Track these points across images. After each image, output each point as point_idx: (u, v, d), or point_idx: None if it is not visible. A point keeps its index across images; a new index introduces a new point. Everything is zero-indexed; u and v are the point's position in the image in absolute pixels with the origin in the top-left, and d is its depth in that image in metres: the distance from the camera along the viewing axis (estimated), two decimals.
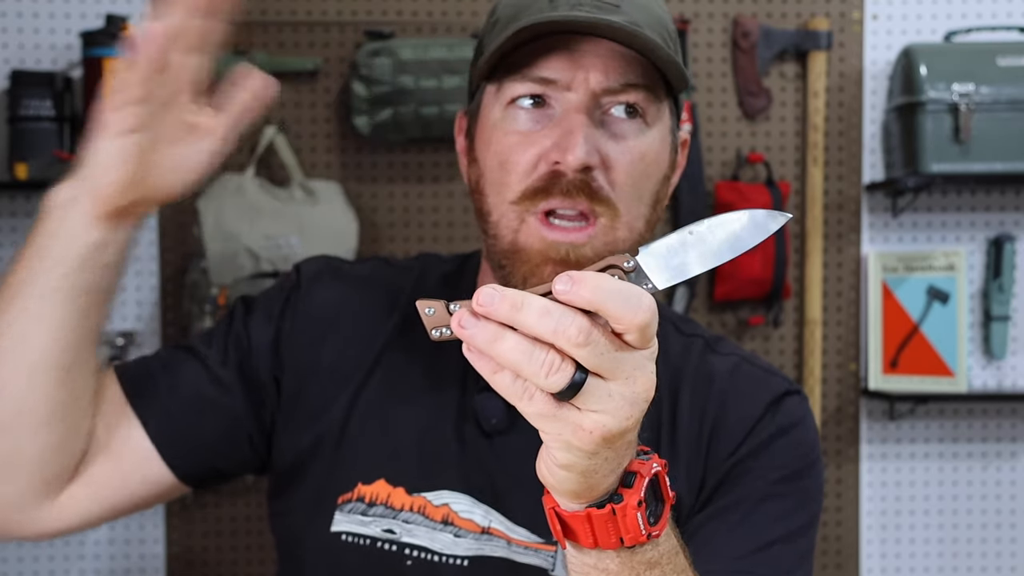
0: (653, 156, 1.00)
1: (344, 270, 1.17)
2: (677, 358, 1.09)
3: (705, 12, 2.59)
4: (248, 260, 2.36)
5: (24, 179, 2.31)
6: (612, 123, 0.98)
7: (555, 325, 0.64)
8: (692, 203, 2.55)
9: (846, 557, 2.65)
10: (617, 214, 0.97)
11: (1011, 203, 2.65)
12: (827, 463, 2.64)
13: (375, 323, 1.11)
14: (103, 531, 2.55)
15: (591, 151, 0.95)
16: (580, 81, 0.96)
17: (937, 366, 2.55)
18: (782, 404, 1.06)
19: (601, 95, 0.96)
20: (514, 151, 0.98)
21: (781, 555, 1.00)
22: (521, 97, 0.98)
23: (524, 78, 0.97)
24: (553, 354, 0.65)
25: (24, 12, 2.53)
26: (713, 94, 2.60)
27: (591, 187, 0.96)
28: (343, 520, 1.05)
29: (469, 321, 0.65)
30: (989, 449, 2.67)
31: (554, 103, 0.97)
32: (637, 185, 0.99)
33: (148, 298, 2.56)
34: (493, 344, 0.65)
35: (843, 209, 2.62)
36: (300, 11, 2.54)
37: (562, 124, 0.96)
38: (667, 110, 1.02)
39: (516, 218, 0.98)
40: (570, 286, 0.64)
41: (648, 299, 0.66)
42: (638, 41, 0.93)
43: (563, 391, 0.65)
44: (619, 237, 0.98)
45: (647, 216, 1.01)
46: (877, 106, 2.62)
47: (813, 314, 2.60)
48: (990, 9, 2.62)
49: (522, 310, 0.64)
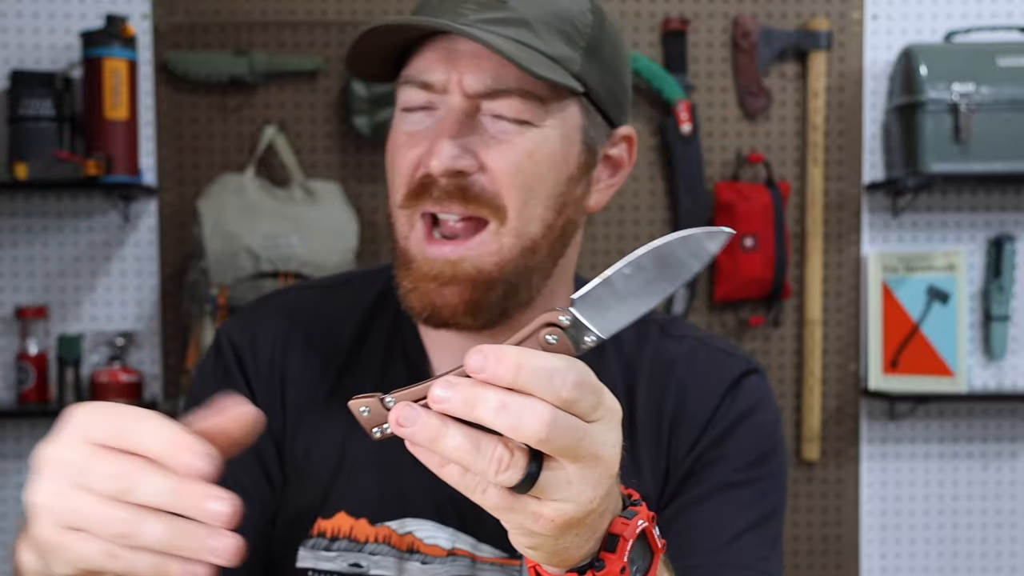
0: (545, 155, 0.95)
1: (268, 314, 1.09)
2: (631, 349, 1.05)
3: (705, 12, 2.59)
4: (248, 260, 2.36)
5: (24, 179, 2.31)
6: (492, 124, 0.94)
7: (514, 421, 0.59)
8: (692, 203, 2.55)
9: (846, 557, 2.65)
10: (503, 217, 0.93)
11: (1011, 203, 2.65)
12: (827, 463, 2.64)
13: (321, 358, 1.07)
14: None
15: (458, 155, 0.92)
16: (455, 84, 0.93)
17: (937, 366, 2.55)
18: (740, 387, 1.03)
19: (476, 98, 0.93)
20: (398, 153, 0.96)
21: (754, 543, 0.98)
22: (411, 104, 0.96)
23: (409, 81, 0.95)
24: (502, 448, 0.60)
25: (24, 12, 2.53)
26: (713, 94, 2.60)
27: (468, 191, 0.92)
28: (308, 556, 1.02)
29: (408, 417, 0.61)
30: (989, 449, 2.67)
31: (440, 106, 0.94)
32: (527, 186, 0.94)
33: (148, 298, 2.55)
34: (437, 442, 0.61)
35: (843, 209, 2.62)
36: (300, 11, 2.54)
37: (437, 128, 0.94)
38: (573, 108, 0.96)
39: (406, 222, 0.95)
40: (485, 365, 0.59)
41: (575, 372, 0.60)
42: (491, 47, 0.89)
43: (517, 486, 0.61)
44: (504, 245, 0.94)
45: (547, 221, 0.96)
46: (877, 106, 2.62)
47: (813, 314, 2.59)
48: (990, 9, 2.62)
49: (478, 406, 0.59)
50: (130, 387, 2.44)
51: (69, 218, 2.55)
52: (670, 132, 2.54)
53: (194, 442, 0.62)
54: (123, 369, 2.47)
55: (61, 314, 2.55)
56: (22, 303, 2.53)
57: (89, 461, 0.63)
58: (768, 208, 2.52)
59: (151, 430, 0.62)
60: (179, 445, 0.62)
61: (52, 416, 2.78)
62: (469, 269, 0.93)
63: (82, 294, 2.56)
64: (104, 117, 2.37)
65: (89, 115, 2.39)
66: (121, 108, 2.39)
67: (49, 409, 2.48)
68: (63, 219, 2.55)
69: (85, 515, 0.63)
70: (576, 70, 0.95)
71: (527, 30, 0.93)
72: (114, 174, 2.36)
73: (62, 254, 2.55)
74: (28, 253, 2.54)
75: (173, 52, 2.52)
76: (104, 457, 0.63)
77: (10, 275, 2.54)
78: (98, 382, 2.45)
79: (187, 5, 2.53)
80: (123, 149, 2.39)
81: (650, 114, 2.59)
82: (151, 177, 2.53)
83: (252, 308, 1.12)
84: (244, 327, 1.08)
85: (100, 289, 2.56)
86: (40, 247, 2.54)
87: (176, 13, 2.53)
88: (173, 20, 2.53)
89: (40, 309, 2.51)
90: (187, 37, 2.53)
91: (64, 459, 0.64)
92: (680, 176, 2.55)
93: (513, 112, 0.93)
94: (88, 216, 2.55)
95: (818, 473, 2.64)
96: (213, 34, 2.54)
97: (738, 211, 2.52)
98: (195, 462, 0.61)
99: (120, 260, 2.56)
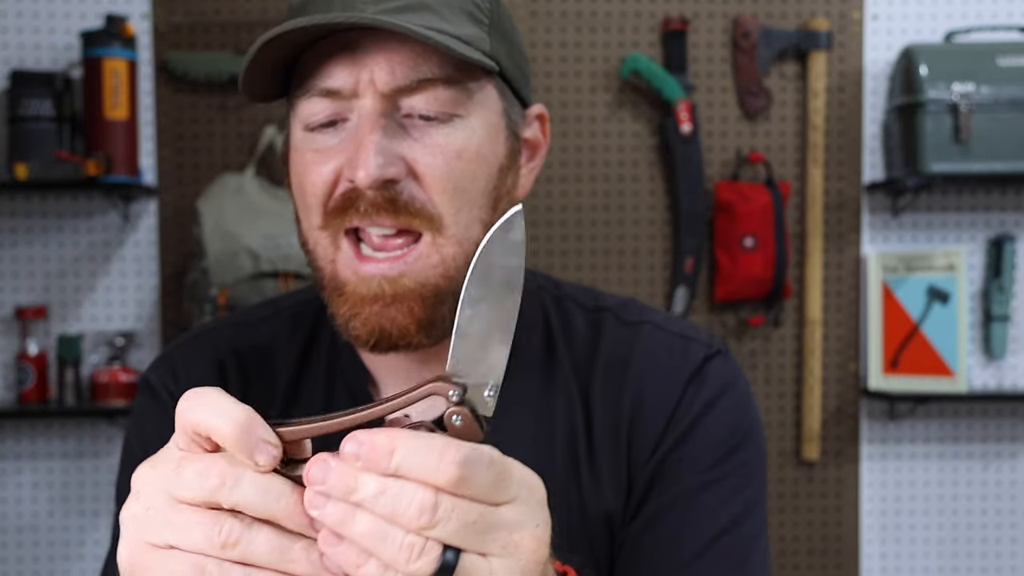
0: (474, 151, 0.86)
1: (193, 358, 1.00)
2: (584, 344, 0.97)
3: (705, 12, 2.59)
4: (248, 260, 2.36)
5: (24, 179, 2.31)
6: (415, 125, 0.84)
7: (392, 507, 0.55)
8: (692, 203, 2.55)
9: (846, 557, 2.65)
10: (440, 227, 0.84)
11: (1011, 203, 2.65)
12: (827, 463, 2.64)
13: (259, 402, 0.98)
14: (103, 531, 2.55)
15: (387, 163, 0.82)
16: (366, 84, 0.83)
17: (937, 366, 2.55)
18: (704, 373, 0.94)
19: (394, 96, 0.83)
20: (309, 171, 0.85)
21: (731, 546, 0.91)
22: (315, 119, 0.85)
23: (310, 92, 0.84)
24: (413, 536, 0.56)
25: (24, 12, 2.53)
26: (713, 94, 2.60)
27: (398, 202, 0.83)
28: None
29: (318, 501, 0.57)
30: (989, 449, 2.67)
31: (350, 115, 0.84)
32: (461, 189, 0.85)
33: (148, 298, 2.55)
34: (344, 526, 0.56)
35: (843, 209, 2.62)
36: None
37: (355, 136, 0.83)
38: (492, 92, 0.88)
39: (330, 244, 0.87)
40: (359, 452, 0.56)
41: (461, 450, 0.56)
42: (407, 31, 0.80)
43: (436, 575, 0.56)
44: (447, 255, 0.85)
45: (484, 220, 0.87)
46: (877, 106, 2.62)
47: (813, 314, 2.59)
48: (990, 9, 2.62)
49: (358, 491, 0.56)
50: (130, 387, 2.44)
51: (69, 218, 2.55)
52: (670, 132, 2.54)
53: (262, 428, 0.58)
54: (123, 369, 2.47)
55: (61, 314, 2.56)
56: (22, 303, 2.53)
57: (175, 468, 0.59)
58: (768, 208, 2.52)
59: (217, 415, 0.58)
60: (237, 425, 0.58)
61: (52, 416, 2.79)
62: (412, 284, 0.85)
63: (82, 294, 2.56)
64: (104, 117, 2.37)
65: (89, 115, 2.39)
66: (121, 108, 2.39)
67: (49, 409, 2.48)
68: (63, 219, 2.55)
69: (183, 524, 0.59)
70: (487, 49, 0.86)
71: (431, 14, 0.84)
72: (114, 174, 2.36)
73: (62, 254, 2.55)
74: (28, 253, 2.54)
75: (173, 52, 2.52)
76: (191, 460, 0.59)
77: (10, 275, 2.54)
78: (98, 382, 2.45)
79: (187, 5, 2.53)
80: (123, 149, 2.39)
81: (650, 114, 2.59)
82: (151, 177, 2.53)
83: (173, 353, 1.01)
84: (169, 373, 0.99)
85: (100, 289, 2.56)
86: (40, 247, 2.54)
87: (176, 13, 2.53)
88: (173, 20, 2.53)
89: (40, 309, 2.51)
90: (187, 37, 2.53)
91: (155, 472, 0.60)
92: (680, 176, 2.55)
93: (437, 105, 0.84)
94: (88, 216, 2.55)
95: (818, 473, 2.64)
96: (213, 34, 2.54)
97: (738, 211, 2.52)
98: (258, 449, 0.58)
99: (120, 260, 2.56)
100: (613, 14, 2.59)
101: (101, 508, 2.56)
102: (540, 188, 2.58)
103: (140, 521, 0.60)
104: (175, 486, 0.59)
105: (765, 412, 2.63)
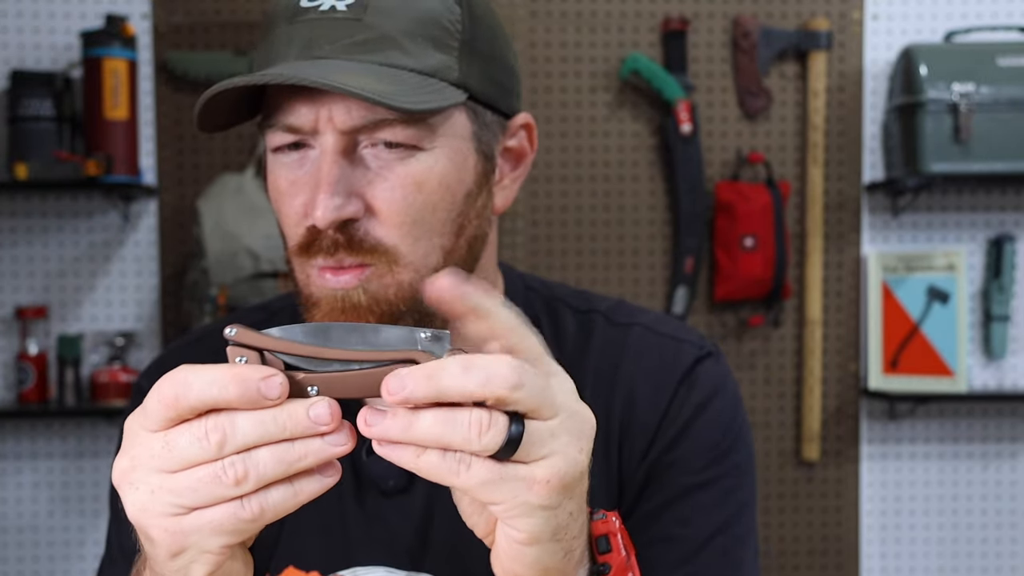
0: (435, 182, 0.86)
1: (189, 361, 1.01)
2: (574, 347, 0.98)
3: (705, 12, 2.59)
4: (248, 260, 2.36)
5: (24, 179, 2.31)
6: (374, 157, 0.85)
7: (485, 375, 0.59)
8: (692, 203, 2.55)
9: (846, 557, 2.65)
10: (394, 259, 0.86)
11: (1011, 203, 2.65)
12: (827, 463, 2.64)
13: None
14: (103, 531, 2.55)
15: (342, 204, 0.83)
16: (325, 122, 0.83)
17: (937, 366, 2.55)
18: (695, 375, 0.95)
19: (353, 133, 0.84)
20: (283, 201, 0.88)
21: (725, 546, 0.92)
22: (280, 146, 0.87)
23: (275, 126, 0.86)
24: (479, 411, 0.59)
25: (24, 12, 2.53)
26: (713, 94, 2.60)
27: (353, 238, 0.85)
28: None
29: (375, 417, 0.59)
30: (989, 449, 2.67)
31: (313, 143, 0.86)
32: (420, 221, 0.86)
33: (148, 298, 2.56)
34: (410, 430, 0.59)
35: (843, 209, 2.62)
36: None
37: (314, 174, 0.85)
38: (460, 118, 0.88)
39: (302, 271, 0.89)
40: (408, 386, 0.59)
41: (497, 357, 0.60)
42: (353, 94, 0.80)
43: (502, 448, 0.59)
44: (402, 279, 0.86)
45: (446, 247, 0.88)
46: (877, 106, 2.62)
47: (813, 314, 2.59)
48: (990, 9, 2.62)
49: (440, 376, 0.59)
50: (130, 387, 2.44)
51: (69, 218, 2.55)
52: (670, 132, 2.54)
53: (249, 370, 0.60)
54: (123, 369, 2.47)
55: (61, 314, 2.56)
56: (22, 303, 2.54)
57: (162, 444, 0.61)
58: (768, 208, 2.52)
59: (198, 384, 0.60)
60: (236, 379, 0.60)
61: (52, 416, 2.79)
62: (366, 300, 0.86)
63: (82, 294, 2.56)
64: (104, 117, 2.37)
65: (89, 115, 2.39)
66: (121, 108, 2.39)
67: (49, 409, 2.48)
68: (63, 219, 2.55)
69: (191, 486, 0.61)
70: (455, 77, 0.86)
71: (393, 48, 0.84)
72: (114, 174, 2.36)
73: (62, 254, 2.55)
74: (28, 253, 2.54)
75: (173, 52, 2.52)
76: (175, 432, 0.61)
77: (10, 275, 2.54)
78: (98, 382, 2.45)
79: (187, 5, 2.53)
80: (123, 149, 2.39)
81: (650, 114, 2.59)
82: (151, 177, 2.53)
83: (166, 358, 1.03)
84: None
85: (100, 289, 2.56)
86: (40, 247, 2.54)
87: (176, 13, 2.53)
88: (173, 20, 2.53)
89: (40, 309, 2.51)
90: (187, 37, 2.53)
91: (138, 461, 0.62)
92: (680, 176, 2.55)
93: (397, 139, 0.84)
94: (88, 216, 2.55)
95: (818, 473, 2.64)
96: (213, 34, 2.54)
97: (738, 211, 2.52)
98: (263, 388, 0.60)
99: (120, 260, 2.56)
100: (613, 14, 2.59)
101: (101, 508, 2.56)
102: (540, 188, 2.58)
103: (149, 506, 0.62)
104: (171, 461, 0.61)
105: (765, 412, 2.63)
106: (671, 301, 2.56)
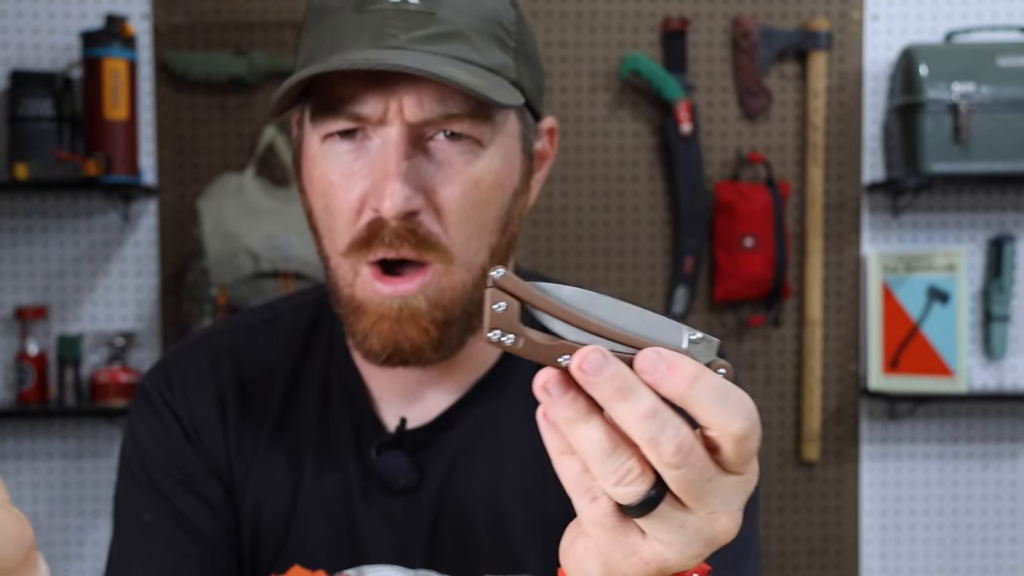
0: (492, 180, 0.88)
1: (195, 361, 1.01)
2: None
3: (705, 12, 2.59)
4: (248, 260, 2.36)
5: (24, 179, 2.31)
6: (438, 150, 0.86)
7: (655, 433, 0.54)
8: (692, 203, 2.55)
9: (846, 557, 2.65)
10: (451, 258, 0.87)
11: (1011, 203, 2.65)
12: (827, 463, 2.64)
13: (259, 406, 0.99)
14: (103, 531, 2.55)
15: (411, 195, 0.84)
16: (394, 114, 0.84)
17: (937, 366, 2.55)
18: None
19: (421, 126, 0.85)
20: (336, 195, 0.87)
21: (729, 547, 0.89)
22: (335, 133, 0.87)
23: (336, 114, 0.85)
24: (635, 460, 0.55)
25: (24, 12, 2.53)
26: (713, 94, 2.60)
27: (417, 232, 0.85)
28: None
29: (557, 389, 0.55)
30: (989, 449, 2.67)
31: (373, 134, 0.86)
32: (474, 218, 0.87)
33: (148, 298, 2.56)
34: (573, 426, 0.56)
35: (843, 209, 2.62)
36: (300, 11, 2.54)
37: (380, 164, 0.85)
38: (513, 117, 0.90)
39: (350, 270, 0.88)
40: (661, 371, 0.54)
41: (751, 405, 0.55)
42: (445, 79, 0.81)
43: (632, 507, 0.56)
44: (456, 281, 0.87)
45: (493, 244, 0.90)
46: (877, 106, 2.62)
47: (813, 314, 2.59)
48: (990, 9, 2.62)
49: (627, 400, 0.54)
50: (130, 387, 2.44)
51: (69, 218, 2.55)
52: (670, 132, 2.54)
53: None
54: (123, 369, 2.47)
55: (61, 314, 2.56)
56: (22, 303, 2.53)
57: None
58: (768, 208, 2.52)
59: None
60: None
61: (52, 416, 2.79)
62: (424, 306, 0.87)
63: (82, 294, 2.56)
64: (104, 117, 2.37)
65: (89, 115, 2.39)
66: (121, 108, 2.39)
67: (49, 409, 2.48)
68: (63, 219, 2.55)
69: None
70: (513, 77, 0.88)
71: (464, 43, 0.85)
72: (114, 174, 2.36)
73: (62, 254, 2.55)
74: (28, 253, 2.54)
75: (173, 52, 2.52)
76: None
77: (10, 275, 2.54)
78: (98, 382, 2.45)
79: (187, 5, 2.53)
80: (123, 149, 2.39)
81: (650, 114, 2.59)
82: (151, 177, 2.53)
83: (169, 360, 1.03)
84: (164, 380, 1.00)
85: (100, 289, 2.56)
86: (40, 247, 2.54)
87: (176, 13, 2.53)
88: (173, 20, 2.53)
89: (40, 309, 2.51)
90: (187, 37, 2.53)
91: None
92: (680, 176, 2.55)
93: (469, 129, 0.86)
94: (88, 216, 2.55)
95: (818, 473, 2.64)
96: (213, 34, 2.54)
97: (738, 211, 2.52)
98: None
99: (120, 260, 2.56)
100: (613, 14, 2.59)
101: (101, 508, 2.56)
102: (540, 188, 2.58)
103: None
104: None
105: (765, 412, 2.63)
106: (671, 301, 2.56)
